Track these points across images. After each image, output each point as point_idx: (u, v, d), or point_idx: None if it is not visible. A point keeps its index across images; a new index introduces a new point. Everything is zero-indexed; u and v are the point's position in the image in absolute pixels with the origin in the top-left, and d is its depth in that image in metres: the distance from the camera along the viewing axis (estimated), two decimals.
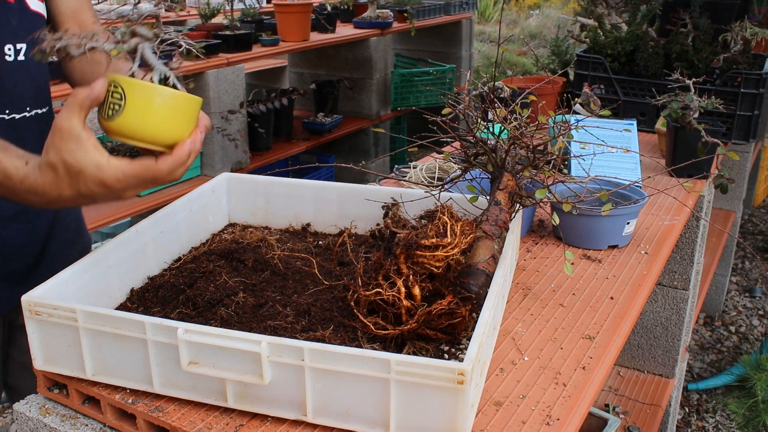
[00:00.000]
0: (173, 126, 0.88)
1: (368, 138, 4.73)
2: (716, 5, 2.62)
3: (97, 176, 0.85)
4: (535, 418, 0.88)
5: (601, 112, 1.32)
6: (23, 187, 0.90)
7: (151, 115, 0.86)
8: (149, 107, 0.86)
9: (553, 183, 1.10)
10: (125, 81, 0.86)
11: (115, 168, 0.85)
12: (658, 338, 2.13)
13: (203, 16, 3.75)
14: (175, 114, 0.88)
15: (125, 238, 1.08)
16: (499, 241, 0.97)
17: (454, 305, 0.88)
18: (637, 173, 1.70)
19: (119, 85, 0.86)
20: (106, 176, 0.85)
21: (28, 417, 0.94)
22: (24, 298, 0.90)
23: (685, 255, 1.95)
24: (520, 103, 1.12)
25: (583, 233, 1.41)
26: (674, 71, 1.85)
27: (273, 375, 0.83)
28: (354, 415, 0.82)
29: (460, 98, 1.15)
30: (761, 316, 3.62)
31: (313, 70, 4.78)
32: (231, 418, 0.87)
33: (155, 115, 0.86)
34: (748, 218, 4.63)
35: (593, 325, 1.11)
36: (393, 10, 4.69)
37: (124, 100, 0.85)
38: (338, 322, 0.95)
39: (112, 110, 0.86)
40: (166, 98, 0.87)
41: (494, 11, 10.58)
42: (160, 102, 0.86)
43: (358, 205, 1.28)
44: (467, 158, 1.13)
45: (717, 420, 2.89)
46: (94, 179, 0.85)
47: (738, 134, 2.22)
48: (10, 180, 0.91)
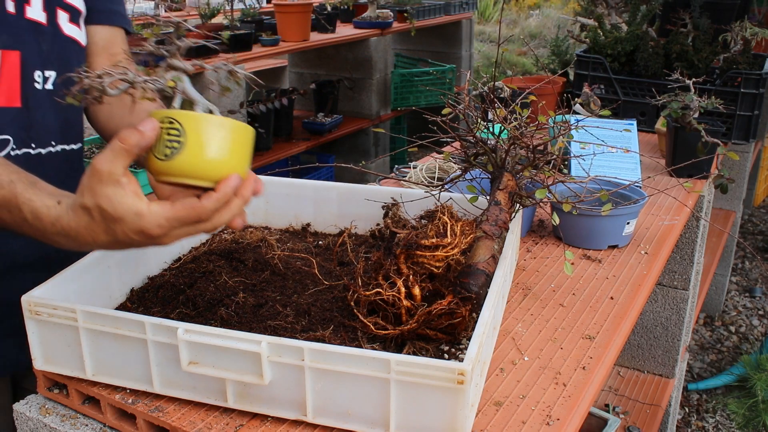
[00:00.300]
0: (237, 160, 0.81)
1: (368, 138, 4.73)
2: (716, 5, 2.62)
3: (137, 224, 0.78)
4: (535, 418, 0.88)
5: (601, 112, 1.32)
6: (54, 230, 0.83)
7: (215, 150, 0.78)
8: (213, 141, 0.78)
9: (553, 183, 1.10)
10: (183, 115, 0.78)
11: (156, 214, 0.78)
12: (658, 338, 2.13)
13: (203, 16, 3.75)
14: (240, 147, 0.81)
15: None
16: (499, 241, 0.97)
17: (454, 305, 0.88)
18: (637, 173, 1.70)
19: (176, 121, 0.78)
20: (147, 224, 0.78)
21: (28, 417, 0.94)
22: (24, 297, 0.90)
23: (685, 255, 1.95)
24: (520, 103, 1.12)
25: (583, 233, 1.41)
26: (674, 71, 1.85)
27: (273, 375, 0.83)
28: (354, 415, 0.82)
29: (460, 98, 1.15)
30: (761, 316, 3.62)
31: (313, 70, 4.78)
32: (231, 418, 0.87)
33: (219, 149, 0.79)
34: (748, 218, 4.63)
35: (593, 325, 1.11)
36: (393, 10, 4.69)
37: (185, 137, 0.78)
38: (338, 322, 0.95)
39: (170, 149, 0.78)
40: (230, 130, 0.79)
41: (494, 11, 10.58)
42: (225, 135, 0.79)
43: (358, 205, 1.28)
44: (467, 158, 1.13)
45: (717, 420, 2.89)
46: (133, 228, 0.79)
47: (738, 134, 2.22)
48: (40, 221, 0.84)
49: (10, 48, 1.10)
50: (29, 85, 1.13)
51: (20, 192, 0.85)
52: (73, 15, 1.18)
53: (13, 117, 1.11)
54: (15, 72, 1.11)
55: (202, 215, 0.79)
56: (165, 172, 0.79)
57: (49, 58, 1.15)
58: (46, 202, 0.84)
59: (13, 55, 1.11)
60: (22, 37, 1.11)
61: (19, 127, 1.12)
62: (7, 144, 1.12)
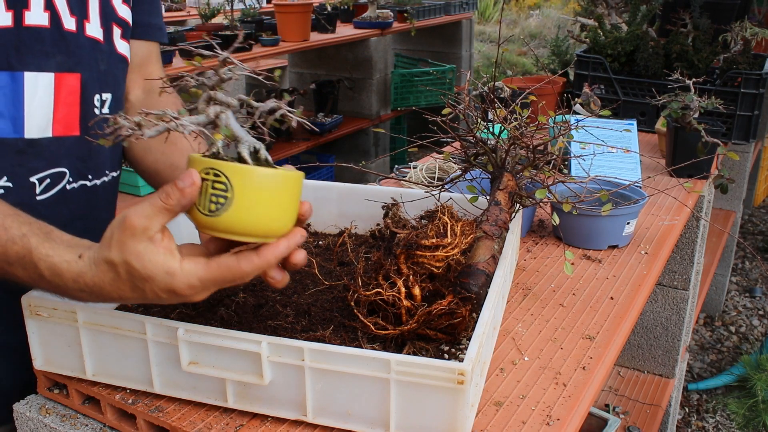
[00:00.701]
0: (286, 214, 0.76)
1: (368, 138, 4.73)
2: (716, 5, 2.62)
3: (168, 283, 0.73)
4: (535, 418, 0.88)
5: (601, 112, 1.32)
6: (76, 286, 0.77)
7: (264, 208, 0.73)
8: (262, 198, 0.72)
9: (553, 183, 1.10)
10: (230, 168, 0.72)
11: (188, 274, 0.73)
12: (658, 338, 2.13)
13: (203, 16, 3.75)
14: (290, 199, 0.75)
15: None
16: (499, 241, 0.97)
17: (454, 305, 0.88)
18: (637, 173, 1.70)
19: (221, 173, 0.71)
20: (178, 284, 0.73)
21: (28, 417, 0.94)
22: (24, 297, 0.90)
23: (685, 255, 1.95)
24: (520, 103, 1.12)
25: (583, 233, 1.41)
26: (674, 71, 1.85)
27: (273, 375, 0.83)
28: (354, 415, 0.82)
29: (460, 98, 1.15)
30: (761, 316, 3.62)
31: (313, 70, 4.78)
32: (231, 418, 0.87)
33: (269, 206, 0.73)
34: (748, 218, 4.63)
35: (593, 325, 1.11)
36: (393, 10, 4.69)
37: (231, 191, 0.71)
38: (338, 322, 0.95)
39: (216, 205, 0.72)
40: (280, 183, 0.73)
41: (494, 11, 10.58)
42: (274, 189, 0.73)
43: (358, 205, 1.28)
44: (467, 158, 1.13)
45: (717, 420, 2.89)
46: (162, 287, 0.73)
47: (738, 134, 2.22)
48: (60, 278, 0.77)
49: (70, 70, 1.01)
50: (89, 111, 1.05)
51: (35, 247, 0.78)
52: (125, 30, 1.11)
53: (70, 147, 1.03)
54: (75, 97, 1.02)
55: (238, 277, 0.74)
56: (209, 227, 0.74)
57: (107, 79, 1.08)
58: (66, 257, 0.77)
59: (73, 78, 1.02)
60: (83, 57, 1.03)
61: (77, 157, 1.05)
62: (62, 177, 1.04)
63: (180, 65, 3.13)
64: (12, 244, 0.79)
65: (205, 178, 0.72)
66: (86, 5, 1.03)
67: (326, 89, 4.32)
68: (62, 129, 1.02)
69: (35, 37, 0.97)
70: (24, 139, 0.99)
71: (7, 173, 0.98)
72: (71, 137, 1.03)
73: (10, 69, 0.96)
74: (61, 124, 1.02)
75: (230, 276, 0.74)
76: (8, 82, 0.96)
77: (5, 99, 0.96)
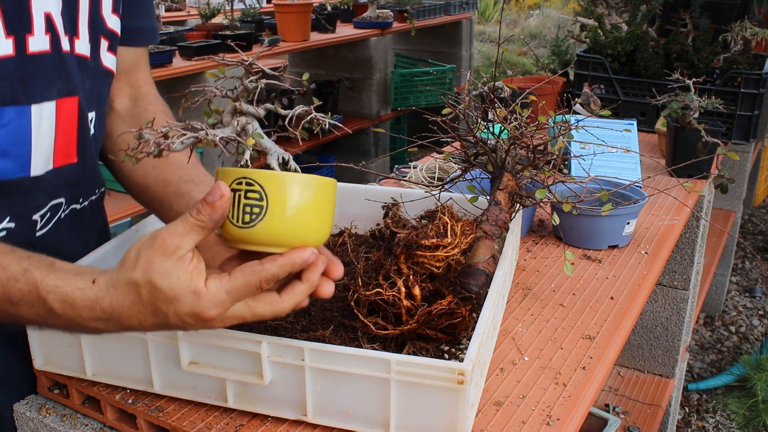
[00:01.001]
0: (323, 221, 0.73)
1: (368, 138, 4.73)
2: (716, 5, 2.62)
3: (193, 306, 0.68)
4: (535, 418, 0.88)
5: (601, 112, 1.32)
6: (92, 315, 0.71)
7: (302, 215, 0.70)
8: (299, 205, 0.70)
9: (553, 183, 1.10)
10: (263, 176, 0.69)
11: (215, 291, 0.68)
12: (658, 338, 2.13)
13: (203, 16, 3.75)
14: (326, 206, 0.73)
15: (125, 238, 1.08)
16: (499, 241, 0.97)
17: (454, 305, 0.88)
18: (637, 173, 1.70)
19: (255, 182, 0.68)
20: (204, 304, 0.68)
21: (28, 417, 0.94)
22: None
23: (685, 255, 1.95)
24: (520, 103, 1.12)
25: (583, 233, 1.41)
26: (674, 71, 1.85)
27: (273, 375, 0.83)
28: (354, 415, 0.82)
29: (460, 98, 1.15)
30: (761, 316, 3.62)
31: (313, 70, 4.78)
32: (231, 418, 0.87)
33: (307, 213, 0.70)
34: (748, 218, 4.63)
35: (593, 325, 1.11)
36: (393, 10, 4.69)
37: (266, 200, 0.68)
38: (338, 322, 0.95)
39: (250, 215, 0.69)
40: (316, 189, 0.71)
41: (494, 11, 10.58)
42: (311, 195, 0.70)
43: (358, 205, 1.27)
44: (467, 158, 1.13)
45: (717, 420, 2.89)
46: (187, 309, 0.69)
47: (738, 134, 2.22)
48: (73, 308, 0.71)
49: (69, 94, 0.94)
50: (85, 135, 0.98)
51: (40, 280, 0.72)
52: (112, 43, 1.02)
53: (69, 175, 0.98)
54: (73, 122, 0.95)
55: (264, 280, 0.69)
56: (244, 240, 0.70)
57: (91, 97, 1.00)
58: (79, 285, 0.71)
59: (71, 102, 0.94)
60: (76, 78, 0.95)
61: (73, 184, 1.00)
62: (59, 208, 0.99)
63: (180, 65, 3.13)
64: (14, 282, 0.73)
65: (237, 189, 0.69)
66: (76, 20, 0.94)
67: (326, 89, 4.32)
68: (62, 159, 0.96)
69: (39, 65, 0.89)
70: (29, 178, 0.92)
71: (11, 214, 0.93)
72: (70, 165, 0.98)
73: (16, 103, 0.88)
74: (61, 154, 0.96)
75: (256, 280, 0.69)
76: (14, 117, 0.88)
77: (11, 137, 0.88)
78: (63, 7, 0.91)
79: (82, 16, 0.95)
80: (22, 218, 0.94)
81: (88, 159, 1.01)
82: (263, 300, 0.72)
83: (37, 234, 0.98)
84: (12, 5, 0.85)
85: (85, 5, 0.95)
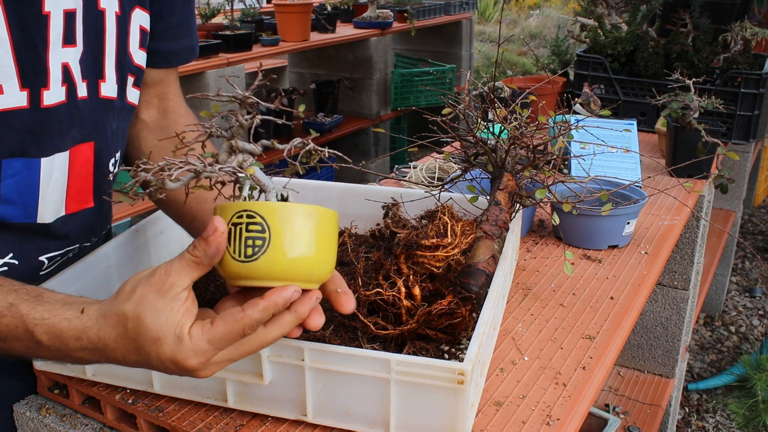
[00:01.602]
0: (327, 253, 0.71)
1: (368, 138, 4.73)
2: (716, 5, 2.62)
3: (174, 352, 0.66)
4: (535, 418, 0.88)
5: (601, 112, 1.32)
6: (78, 345, 0.70)
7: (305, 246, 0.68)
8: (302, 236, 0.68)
9: (553, 183, 1.10)
10: (264, 208, 0.68)
11: (196, 339, 0.66)
12: (658, 338, 2.13)
13: (203, 16, 3.75)
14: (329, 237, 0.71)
15: (125, 238, 1.08)
16: (499, 241, 0.97)
17: (454, 305, 0.88)
18: (637, 173, 1.70)
19: (256, 214, 0.67)
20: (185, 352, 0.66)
21: (28, 417, 0.94)
22: None
23: (685, 255, 1.95)
24: (520, 103, 1.12)
25: (583, 233, 1.41)
26: (674, 71, 1.85)
27: (273, 375, 0.83)
28: (354, 415, 0.82)
29: (460, 98, 1.15)
30: (761, 316, 3.62)
31: (313, 70, 4.78)
32: (231, 418, 0.87)
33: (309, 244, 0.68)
34: (748, 218, 4.63)
35: (593, 325, 1.11)
36: (393, 10, 4.69)
37: (268, 231, 0.67)
38: (338, 322, 0.95)
39: (252, 248, 0.67)
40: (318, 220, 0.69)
41: (494, 11, 10.58)
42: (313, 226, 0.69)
43: (358, 205, 1.28)
44: (467, 158, 1.13)
45: (717, 420, 2.89)
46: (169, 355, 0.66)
47: (738, 134, 2.22)
48: (60, 339, 0.70)
49: (83, 141, 0.92)
50: (102, 179, 0.97)
51: (27, 314, 0.71)
52: (138, 78, 1.00)
53: (84, 220, 0.98)
54: (88, 168, 0.94)
55: (247, 327, 0.66)
56: (247, 275, 0.68)
57: (117, 136, 0.98)
58: (66, 315, 0.70)
59: (87, 148, 0.93)
60: (96, 122, 0.93)
61: (88, 228, 1.00)
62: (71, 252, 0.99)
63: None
64: (1, 318, 0.72)
65: (238, 222, 0.67)
66: (102, 62, 0.93)
67: (326, 89, 4.32)
68: (76, 205, 0.95)
69: (54, 117, 0.87)
70: (36, 223, 0.92)
71: (14, 250, 0.92)
72: (85, 210, 0.97)
73: (25, 155, 0.86)
74: (75, 201, 0.95)
75: (239, 328, 0.66)
76: (22, 168, 0.87)
77: (17, 187, 0.87)
78: (84, 53, 0.90)
79: (108, 58, 0.94)
80: (26, 257, 0.94)
81: (105, 202, 0.99)
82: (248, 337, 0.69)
83: (41, 273, 0.97)
84: (28, 58, 0.83)
85: (111, 46, 0.94)
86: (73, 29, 0.88)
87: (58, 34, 0.86)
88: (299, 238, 0.68)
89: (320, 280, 0.72)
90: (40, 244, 0.95)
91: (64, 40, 0.86)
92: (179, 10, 1.05)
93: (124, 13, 0.95)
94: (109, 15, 0.92)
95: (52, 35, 0.85)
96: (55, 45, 0.85)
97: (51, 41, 0.85)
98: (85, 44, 0.90)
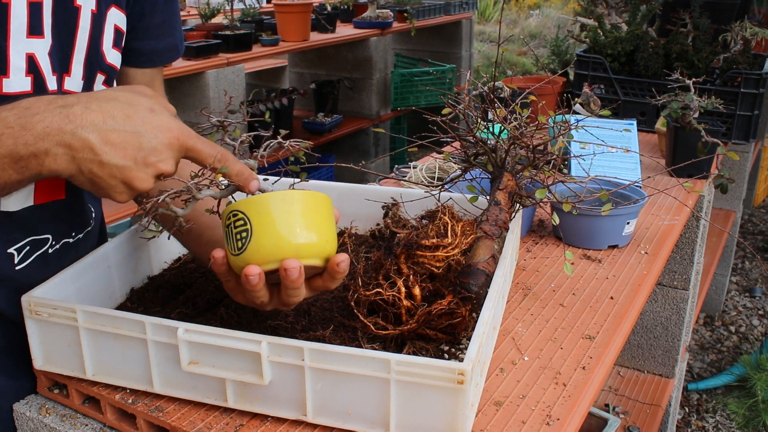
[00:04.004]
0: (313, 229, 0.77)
1: (368, 138, 4.73)
2: (716, 5, 2.62)
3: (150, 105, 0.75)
4: (535, 418, 0.88)
5: (601, 112, 1.32)
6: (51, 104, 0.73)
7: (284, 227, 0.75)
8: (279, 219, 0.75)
9: (553, 183, 1.10)
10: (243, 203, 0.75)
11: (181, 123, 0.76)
12: (658, 338, 2.13)
13: (203, 16, 3.75)
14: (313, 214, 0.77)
15: (125, 238, 1.08)
16: (499, 241, 0.97)
17: (454, 305, 0.88)
18: (637, 173, 1.70)
19: (238, 211, 0.75)
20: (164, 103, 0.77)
21: (28, 417, 0.94)
22: (24, 297, 0.90)
23: (685, 255, 1.95)
24: (520, 103, 1.12)
25: (583, 233, 1.41)
26: (674, 71, 1.85)
27: (273, 375, 0.83)
28: (354, 415, 0.82)
29: (460, 98, 1.15)
30: (761, 316, 3.62)
31: (313, 70, 4.78)
32: (231, 418, 0.87)
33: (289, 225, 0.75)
34: (748, 218, 4.63)
35: (593, 325, 1.11)
36: (393, 10, 4.69)
37: (249, 223, 0.75)
38: (338, 322, 0.95)
39: (241, 242, 0.75)
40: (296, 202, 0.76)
41: (494, 11, 10.58)
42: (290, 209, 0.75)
43: (358, 205, 1.28)
44: (467, 158, 1.13)
45: (717, 420, 2.89)
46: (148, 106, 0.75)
47: (738, 134, 2.22)
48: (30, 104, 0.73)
49: None
50: None
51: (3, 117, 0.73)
52: (110, 77, 1.01)
53: (54, 212, 0.98)
54: None
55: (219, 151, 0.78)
56: (242, 265, 0.76)
57: None
58: None
59: None
60: None
61: (62, 220, 1.00)
62: (45, 243, 0.98)
63: (180, 65, 3.13)
64: None
65: (230, 223, 0.76)
66: (70, 58, 0.93)
67: (326, 89, 4.32)
68: (45, 196, 0.95)
69: None
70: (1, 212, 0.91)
71: None
72: (56, 202, 0.97)
73: None
74: (44, 192, 0.95)
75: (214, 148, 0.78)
76: None
77: None
78: (53, 47, 0.90)
79: (78, 54, 0.94)
80: None
81: (79, 193, 0.99)
82: None
83: (17, 268, 0.96)
84: None
85: (83, 42, 0.94)
86: (40, 20, 0.88)
87: (21, 23, 0.86)
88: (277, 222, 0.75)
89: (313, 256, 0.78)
90: (5, 236, 0.93)
91: (29, 31, 0.87)
92: (161, 8, 1.05)
93: (100, 12, 0.95)
94: (85, 12, 0.93)
95: (12, 24, 0.85)
96: (17, 34, 0.86)
97: (12, 30, 0.85)
98: (54, 37, 0.90)
